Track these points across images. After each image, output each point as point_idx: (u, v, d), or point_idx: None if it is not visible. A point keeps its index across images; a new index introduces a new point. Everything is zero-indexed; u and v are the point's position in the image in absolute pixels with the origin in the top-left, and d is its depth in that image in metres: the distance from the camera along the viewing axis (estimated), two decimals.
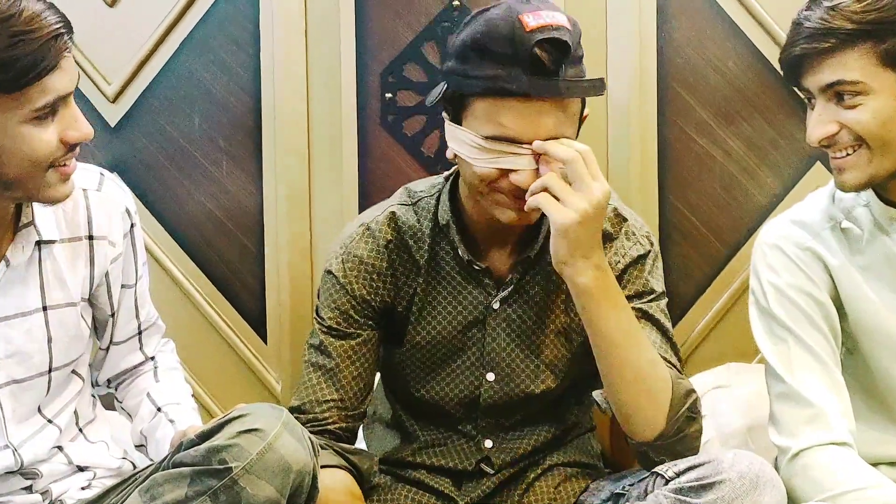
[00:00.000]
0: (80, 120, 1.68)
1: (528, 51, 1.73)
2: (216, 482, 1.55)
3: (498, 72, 1.75)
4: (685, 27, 2.60)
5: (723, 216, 2.63)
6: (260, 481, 1.56)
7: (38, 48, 1.58)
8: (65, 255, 1.84)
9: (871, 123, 1.70)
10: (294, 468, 1.59)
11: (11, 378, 1.78)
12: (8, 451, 1.77)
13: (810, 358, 1.82)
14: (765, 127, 2.60)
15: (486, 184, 1.83)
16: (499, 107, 1.77)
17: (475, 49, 1.78)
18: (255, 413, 1.62)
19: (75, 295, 1.86)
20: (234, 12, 2.68)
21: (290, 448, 1.60)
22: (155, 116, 2.73)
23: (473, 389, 2.04)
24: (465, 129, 1.83)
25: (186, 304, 2.75)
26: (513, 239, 2.00)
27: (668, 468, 1.76)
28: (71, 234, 1.85)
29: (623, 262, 1.98)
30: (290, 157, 2.67)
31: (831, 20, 1.69)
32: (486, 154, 1.80)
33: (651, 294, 1.98)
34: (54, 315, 1.83)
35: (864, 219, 1.84)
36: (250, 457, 1.56)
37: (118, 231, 1.92)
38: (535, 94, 1.75)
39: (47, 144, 1.63)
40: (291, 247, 2.69)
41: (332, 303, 2.03)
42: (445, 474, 2.07)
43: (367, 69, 2.65)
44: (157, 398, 2.03)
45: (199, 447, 1.59)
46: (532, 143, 1.78)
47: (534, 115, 1.77)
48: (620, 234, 2.00)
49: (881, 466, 1.84)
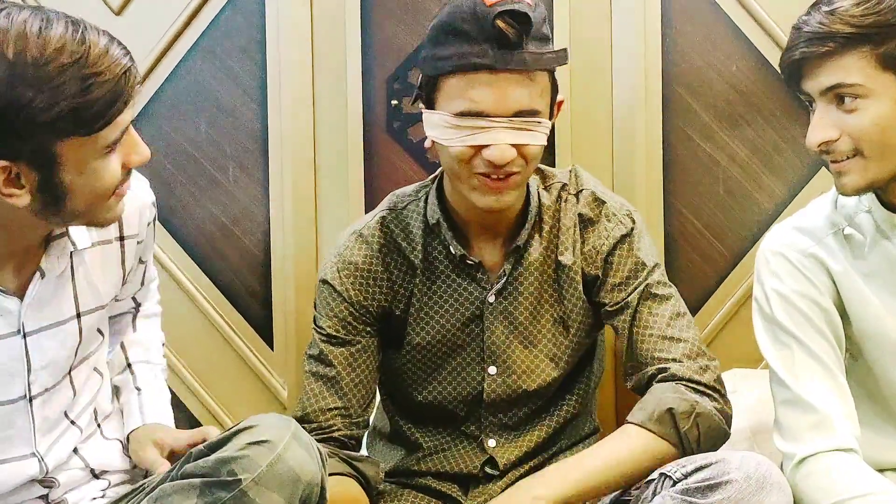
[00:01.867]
0: (140, 143, 1.66)
1: (490, 24, 1.78)
2: (226, 494, 1.55)
3: (465, 48, 1.81)
4: (689, 32, 2.60)
5: (727, 221, 2.63)
6: (269, 493, 1.56)
7: (112, 89, 1.53)
8: (96, 259, 1.83)
9: (871, 128, 1.71)
10: (304, 479, 1.59)
11: (44, 388, 1.77)
12: (34, 459, 1.77)
13: (814, 364, 1.82)
14: (769, 132, 2.60)
15: (462, 164, 1.87)
16: (468, 81, 1.82)
17: (442, 31, 1.84)
18: (264, 424, 1.61)
19: (106, 297, 1.86)
20: (240, 20, 2.69)
21: (299, 459, 1.59)
22: (161, 124, 2.74)
23: (476, 385, 2.06)
24: (438, 111, 1.87)
25: (193, 311, 2.76)
26: (502, 230, 2.03)
27: (676, 469, 1.76)
28: (101, 238, 1.84)
29: (608, 244, 2.02)
30: (297, 164, 2.68)
31: (830, 24, 1.70)
32: (459, 132, 1.84)
33: (644, 268, 2.01)
34: (87, 320, 1.82)
35: (867, 224, 1.84)
36: (260, 468, 1.55)
37: (144, 224, 1.92)
38: (501, 67, 1.80)
39: (113, 174, 1.61)
40: (298, 252, 2.70)
41: (329, 311, 2.04)
42: (451, 480, 2.08)
43: (372, 76, 2.66)
44: (129, 352, 2.07)
45: (208, 458, 1.58)
46: (502, 116, 1.82)
47: (502, 87, 1.82)
48: (601, 217, 2.04)
49: (886, 472, 1.84)
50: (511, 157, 1.84)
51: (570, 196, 2.05)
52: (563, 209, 2.04)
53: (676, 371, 1.92)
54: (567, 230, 2.03)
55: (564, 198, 2.05)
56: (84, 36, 1.52)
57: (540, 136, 1.87)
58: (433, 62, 1.86)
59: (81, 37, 1.52)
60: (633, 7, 2.59)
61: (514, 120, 1.83)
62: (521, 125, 1.84)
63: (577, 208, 2.04)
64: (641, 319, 1.98)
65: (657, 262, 2.04)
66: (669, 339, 1.96)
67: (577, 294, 2.03)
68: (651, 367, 1.95)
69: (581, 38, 2.60)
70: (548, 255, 2.04)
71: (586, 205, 2.04)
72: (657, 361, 1.95)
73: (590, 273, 2.03)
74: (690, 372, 1.92)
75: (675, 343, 1.95)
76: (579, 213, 2.04)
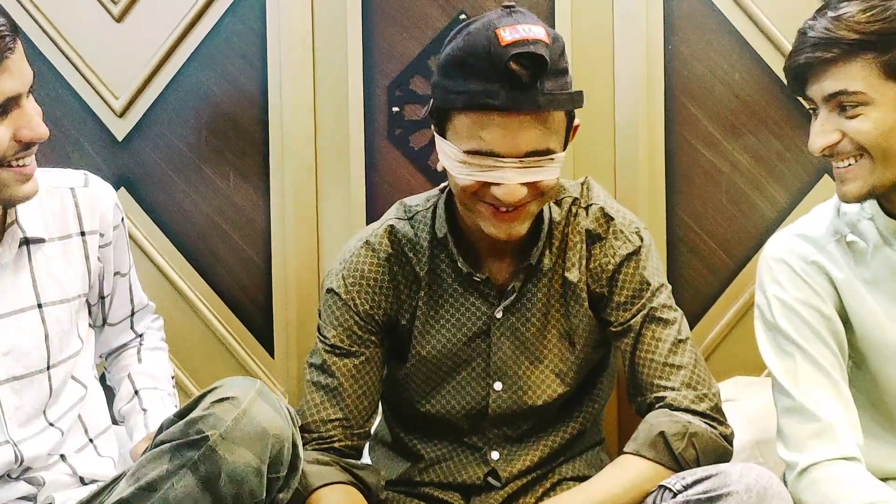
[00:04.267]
0: (35, 120, 1.70)
1: (503, 65, 1.73)
2: (195, 453, 1.55)
3: (477, 87, 1.76)
4: (692, 40, 2.60)
5: (730, 229, 2.62)
6: (238, 447, 1.56)
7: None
8: (58, 253, 1.88)
9: (873, 133, 1.70)
10: (271, 433, 1.59)
11: (11, 375, 1.81)
12: (8, 446, 1.79)
13: (817, 372, 1.82)
14: (772, 140, 2.59)
15: (469, 195, 1.84)
16: (479, 121, 1.78)
17: (455, 65, 1.80)
18: (228, 383, 1.63)
19: (71, 291, 1.90)
20: (241, 26, 2.69)
21: (265, 414, 1.60)
22: (162, 130, 2.73)
23: (480, 400, 2.04)
24: (448, 142, 1.84)
25: (193, 318, 2.75)
26: (511, 248, 2.00)
27: (676, 481, 1.76)
28: (61, 233, 1.89)
29: (614, 262, 1.99)
30: (298, 171, 2.67)
31: (835, 30, 1.70)
32: (469, 168, 1.81)
33: (648, 287, 1.99)
34: (50, 312, 1.86)
35: (870, 232, 1.84)
36: (226, 424, 1.56)
37: (108, 224, 1.96)
38: (514, 109, 1.75)
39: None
40: (298, 260, 2.69)
41: (335, 320, 2.02)
42: (454, 489, 2.07)
43: (374, 83, 2.65)
44: (136, 380, 2.08)
45: (177, 423, 1.60)
46: (513, 157, 1.78)
47: (514, 129, 1.77)
48: (609, 234, 2.01)
49: (890, 481, 1.83)
50: (520, 195, 1.80)
51: (580, 210, 2.02)
52: (573, 224, 2.02)
53: (673, 400, 1.91)
54: (574, 245, 2.01)
55: (574, 212, 2.02)
56: None
57: (552, 171, 1.83)
58: (444, 94, 1.82)
59: None
60: (636, 15, 2.58)
61: (524, 160, 1.79)
62: (533, 164, 1.80)
63: (585, 223, 2.01)
64: (644, 344, 1.97)
65: (663, 282, 2.02)
66: (670, 366, 1.94)
67: (584, 310, 2.02)
68: (651, 394, 1.95)
69: (583, 45, 2.59)
70: (556, 270, 2.01)
71: (594, 220, 2.01)
72: (657, 389, 1.94)
73: (595, 291, 2.01)
74: (687, 401, 1.91)
75: (675, 371, 1.94)
76: (587, 228, 2.01)
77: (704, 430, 1.87)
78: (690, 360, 1.95)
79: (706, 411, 1.90)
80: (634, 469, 1.86)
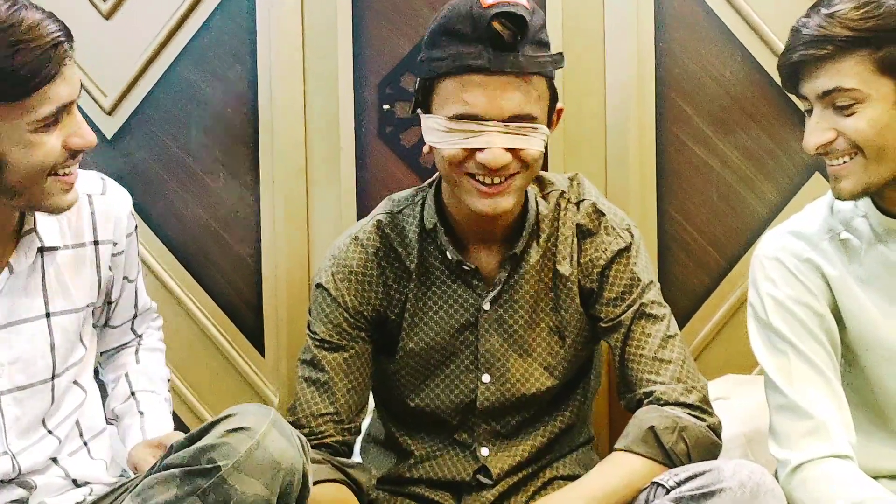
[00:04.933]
0: (84, 127, 1.69)
1: (486, 26, 1.78)
2: (205, 481, 1.55)
3: (460, 49, 1.81)
4: (683, 37, 2.60)
5: (721, 227, 2.62)
6: (249, 479, 1.55)
7: (39, 56, 1.58)
8: (69, 261, 1.85)
9: (868, 131, 1.70)
10: (283, 466, 1.59)
11: (15, 385, 1.78)
12: (6, 457, 1.77)
13: (810, 370, 1.82)
14: (762, 137, 2.59)
15: (457, 168, 1.86)
16: (463, 84, 1.82)
17: (439, 32, 1.85)
18: (243, 412, 1.62)
19: (80, 301, 1.87)
20: (231, 24, 2.68)
21: (278, 446, 1.59)
22: (152, 128, 2.73)
23: (469, 393, 2.04)
24: (433, 115, 1.87)
25: (183, 317, 2.74)
26: (498, 237, 2.01)
27: (668, 478, 1.77)
28: (75, 241, 1.87)
29: (605, 258, 2.01)
30: (288, 169, 2.67)
31: (829, 27, 1.70)
32: (453, 136, 1.84)
33: (638, 283, 2.00)
34: (57, 322, 1.84)
35: (863, 229, 1.84)
36: (238, 455, 1.55)
37: (122, 233, 1.94)
38: (496, 69, 1.80)
39: (50, 151, 1.64)
40: (289, 259, 2.68)
41: (324, 316, 2.03)
42: (444, 488, 2.07)
43: (364, 81, 2.65)
44: (133, 381, 2.07)
45: (188, 448, 1.58)
46: (497, 120, 1.82)
47: (497, 90, 1.81)
48: (600, 229, 2.02)
49: (882, 479, 1.83)
50: (505, 161, 1.83)
51: (569, 205, 2.04)
52: (562, 218, 2.03)
53: (662, 394, 1.92)
54: (565, 239, 2.02)
55: (563, 206, 2.04)
56: (19, 10, 1.59)
57: (536, 141, 1.86)
58: (429, 64, 1.86)
59: (17, 10, 1.58)
60: (627, 11, 2.58)
61: (508, 124, 1.82)
62: (516, 130, 1.83)
63: (576, 218, 2.03)
64: (634, 340, 1.98)
65: (653, 279, 2.04)
66: (660, 361, 1.96)
67: (575, 305, 2.02)
68: (640, 389, 1.96)
69: (574, 42, 2.59)
70: (545, 263, 2.02)
71: (586, 216, 2.03)
72: (646, 384, 1.95)
73: (586, 286, 2.02)
74: (676, 395, 1.92)
75: (664, 365, 1.95)
76: (578, 223, 2.03)
77: (694, 424, 1.88)
78: (679, 355, 1.96)
79: (695, 403, 1.91)
80: (626, 465, 1.86)
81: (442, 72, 1.83)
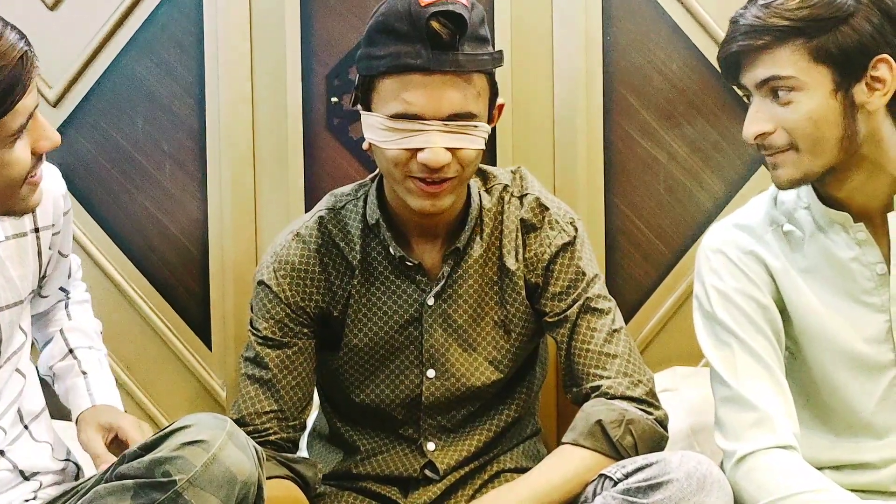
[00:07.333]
0: (48, 128, 1.63)
1: (424, 25, 1.78)
2: (160, 495, 1.52)
3: (399, 48, 1.80)
4: (630, 30, 2.60)
5: (668, 219, 2.63)
6: (205, 493, 1.53)
7: (9, 75, 1.51)
8: (12, 253, 1.81)
9: (804, 121, 1.73)
10: (239, 479, 1.57)
11: None
12: None
13: (754, 362, 1.83)
14: (709, 130, 2.61)
15: (397, 168, 1.86)
16: (402, 83, 1.82)
17: (377, 30, 1.84)
18: (198, 424, 1.59)
19: (24, 291, 1.84)
20: (177, 15, 2.66)
21: (234, 459, 1.57)
22: (97, 120, 2.70)
23: (414, 388, 2.05)
24: (374, 113, 1.86)
25: (129, 311, 2.72)
26: (441, 232, 2.01)
27: (616, 469, 1.78)
28: (16, 231, 1.82)
29: (549, 252, 2.02)
30: (235, 161, 2.65)
31: (766, 17, 1.74)
32: (394, 135, 1.84)
33: (583, 278, 2.01)
34: (4, 316, 1.80)
35: (806, 221, 1.86)
36: (195, 469, 1.53)
37: (59, 213, 1.90)
38: (435, 68, 1.80)
39: (23, 162, 1.59)
40: (236, 252, 2.67)
41: (266, 313, 2.02)
42: (391, 482, 2.07)
43: (312, 72, 2.64)
44: (69, 338, 2.06)
45: (142, 459, 1.56)
46: (437, 119, 1.81)
47: (437, 89, 1.81)
48: (544, 223, 2.03)
49: (825, 470, 1.85)
50: (445, 160, 1.83)
51: (513, 199, 2.04)
52: (506, 212, 2.03)
53: (609, 388, 1.93)
54: (510, 233, 2.02)
55: (507, 199, 2.04)
56: None
57: (477, 140, 1.86)
58: (368, 62, 1.86)
59: None
60: (574, 6, 2.58)
61: (448, 123, 1.82)
62: (457, 129, 1.83)
63: (520, 213, 2.03)
64: (580, 334, 1.99)
65: (597, 272, 2.05)
66: (606, 355, 1.97)
67: (520, 299, 2.03)
68: (587, 384, 1.97)
69: (521, 36, 2.59)
70: (489, 257, 2.02)
71: (530, 210, 2.03)
72: (592, 378, 1.96)
73: (531, 281, 2.03)
74: (622, 388, 1.93)
75: (610, 360, 1.96)
76: (522, 218, 2.03)
77: (640, 417, 1.89)
78: (625, 349, 1.97)
79: (641, 396, 1.93)
80: (574, 459, 1.87)
81: (381, 70, 1.83)
